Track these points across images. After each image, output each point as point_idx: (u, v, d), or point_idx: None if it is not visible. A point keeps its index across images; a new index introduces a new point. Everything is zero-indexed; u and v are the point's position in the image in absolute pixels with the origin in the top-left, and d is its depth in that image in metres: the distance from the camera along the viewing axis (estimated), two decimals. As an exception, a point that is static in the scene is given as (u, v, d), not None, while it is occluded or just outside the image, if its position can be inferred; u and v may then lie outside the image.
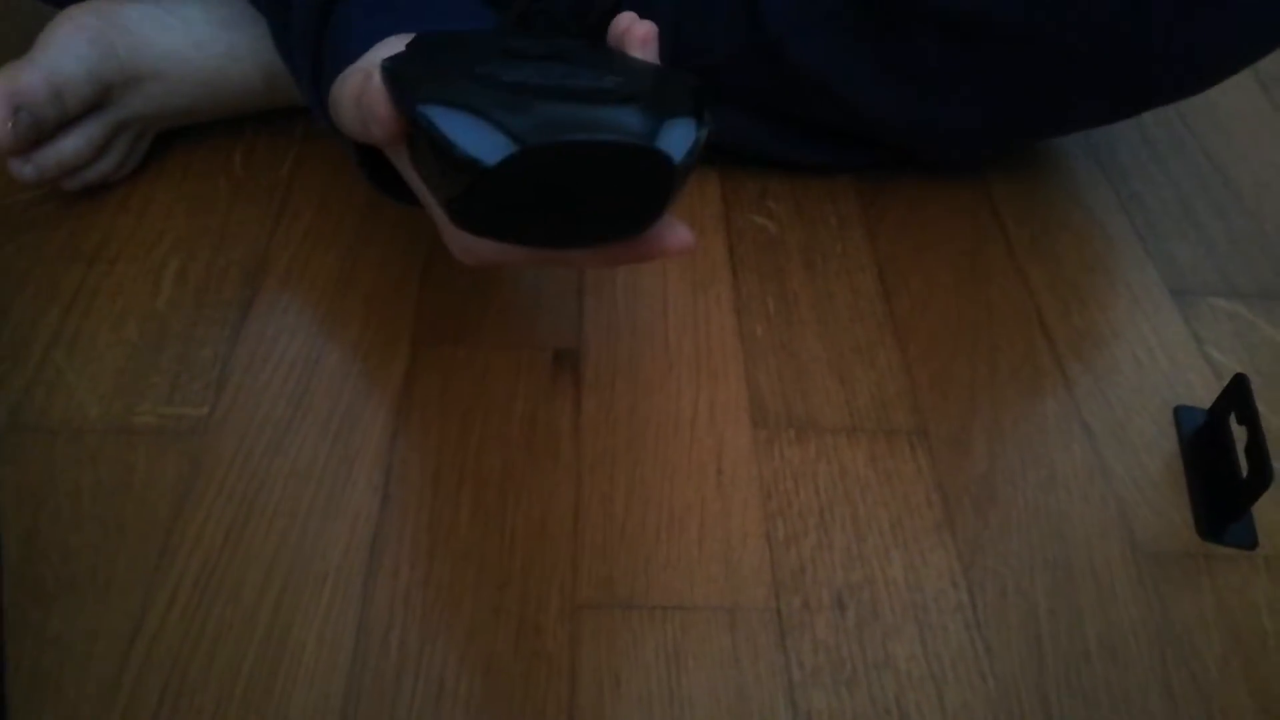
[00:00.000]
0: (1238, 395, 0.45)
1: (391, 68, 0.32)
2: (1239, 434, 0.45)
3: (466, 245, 0.37)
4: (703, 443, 0.45)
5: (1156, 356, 0.51)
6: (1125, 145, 0.64)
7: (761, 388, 0.48)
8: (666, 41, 0.52)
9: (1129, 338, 0.52)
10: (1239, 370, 0.51)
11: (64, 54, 0.47)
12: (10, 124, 0.45)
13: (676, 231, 0.33)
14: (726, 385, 0.48)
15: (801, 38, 0.51)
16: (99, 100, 0.49)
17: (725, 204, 0.57)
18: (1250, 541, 0.44)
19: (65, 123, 0.48)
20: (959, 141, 0.57)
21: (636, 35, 0.36)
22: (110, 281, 0.49)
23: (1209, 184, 0.62)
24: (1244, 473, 0.44)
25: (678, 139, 0.30)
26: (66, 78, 0.47)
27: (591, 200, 0.30)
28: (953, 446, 0.46)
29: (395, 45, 0.36)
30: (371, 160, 0.41)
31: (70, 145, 0.49)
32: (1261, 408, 0.49)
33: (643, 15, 0.37)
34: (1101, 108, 0.54)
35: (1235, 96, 0.69)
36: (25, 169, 0.48)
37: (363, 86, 0.33)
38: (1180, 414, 0.48)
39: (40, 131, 0.47)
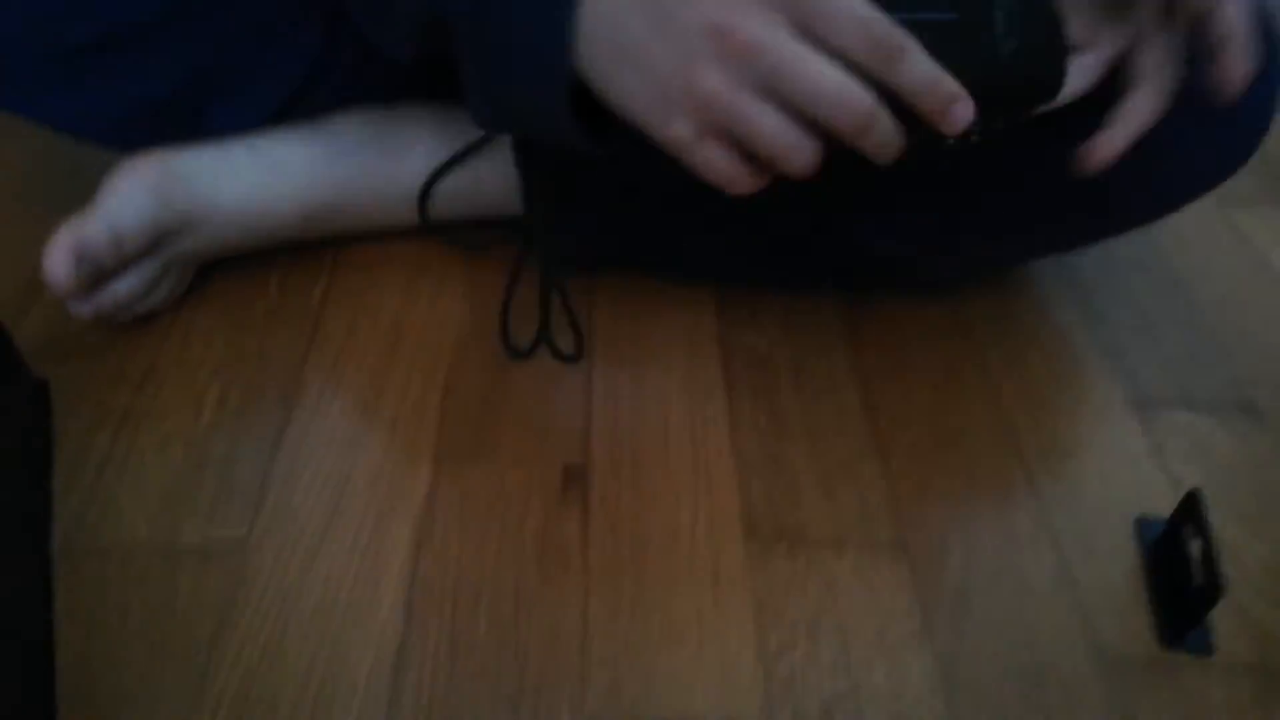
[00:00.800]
0: (1192, 510, 0.49)
1: None
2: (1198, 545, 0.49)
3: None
4: (701, 555, 0.49)
5: (1120, 469, 0.55)
6: (1091, 262, 0.69)
7: (754, 501, 0.52)
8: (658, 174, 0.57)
9: (1095, 451, 0.56)
10: (1197, 481, 0.55)
11: (125, 205, 0.52)
12: (74, 272, 0.50)
13: None
14: (722, 499, 0.52)
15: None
16: (154, 245, 0.54)
17: (720, 324, 0.62)
18: (1207, 648, 0.47)
19: (122, 265, 0.53)
20: (937, 277, 0.62)
21: None
22: (157, 405, 0.54)
23: (1170, 299, 0.67)
24: (1199, 583, 0.48)
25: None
26: (126, 228, 0.52)
27: None
28: (931, 557, 0.50)
29: None
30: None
31: (125, 286, 0.54)
32: (1218, 517, 0.53)
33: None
34: (1069, 244, 0.60)
35: (1195, 213, 0.74)
36: (84, 308, 0.53)
37: None
38: (1141, 525, 0.52)
39: (99, 276, 0.52)
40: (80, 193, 0.55)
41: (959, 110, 0.36)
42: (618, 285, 0.63)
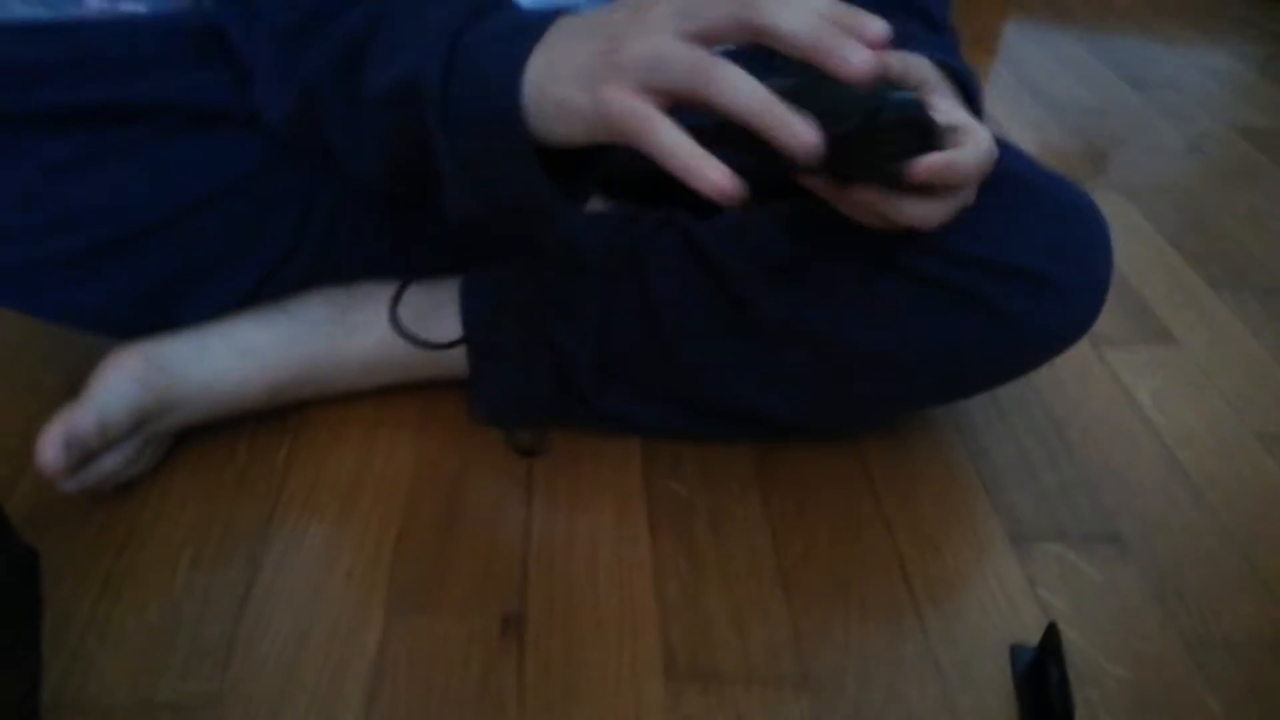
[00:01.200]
0: (1052, 640, 0.57)
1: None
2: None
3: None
4: (625, 696, 0.55)
5: (997, 599, 0.63)
6: (977, 404, 0.78)
7: (674, 642, 0.58)
8: (590, 347, 0.65)
9: (975, 583, 0.64)
10: (1065, 610, 0.62)
11: (111, 395, 0.59)
12: (64, 457, 0.56)
13: None
14: (645, 641, 0.58)
15: (691, 341, 0.65)
16: (136, 427, 0.61)
17: (645, 472, 0.69)
18: (1067, 767, 0.54)
19: (107, 447, 0.60)
20: (832, 427, 0.71)
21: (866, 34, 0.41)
22: (135, 569, 0.59)
23: (1045, 436, 0.75)
24: (1056, 709, 0.54)
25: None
26: (112, 415, 0.59)
27: None
28: (829, 691, 0.56)
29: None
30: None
31: (109, 463, 0.60)
32: (1083, 643, 0.60)
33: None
34: (955, 395, 0.69)
35: (1069, 354, 0.84)
36: (69, 484, 0.59)
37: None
38: (1015, 653, 0.59)
39: (86, 459, 0.59)
40: (63, 369, 0.62)
41: (799, 129, 0.41)
42: (554, 438, 0.71)
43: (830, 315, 0.62)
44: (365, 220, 0.65)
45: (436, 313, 0.67)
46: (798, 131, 0.40)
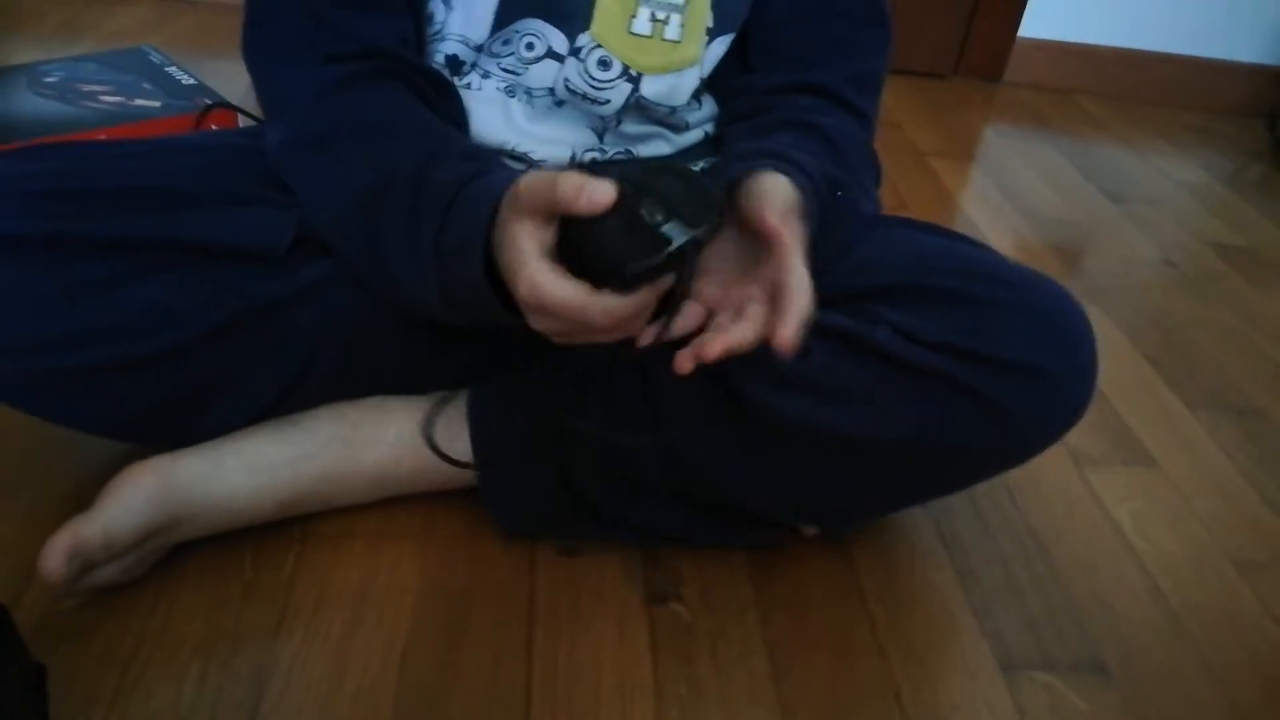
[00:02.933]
0: (1042, 777, 0.58)
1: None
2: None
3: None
4: (627, 827, 0.56)
5: (988, 729, 0.64)
6: (963, 522, 0.80)
7: (675, 771, 0.59)
8: (594, 452, 0.68)
9: (966, 712, 0.65)
10: (1053, 740, 0.64)
11: (121, 510, 0.60)
12: (66, 569, 0.57)
13: None
14: (647, 769, 0.59)
15: (693, 442, 0.67)
16: (142, 542, 0.62)
17: (646, 592, 0.71)
18: None
19: (109, 560, 0.61)
20: (829, 522, 0.73)
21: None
22: (142, 686, 0.60)
23: (1032, 560, 0.78)
24: None
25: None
26: (119, 530, 0.60)
27: None
28: (826, 824, 0.58)
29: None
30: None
31: (106, 573, 0.61)
32: (1070, 774, 0.62)
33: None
34: (951, 488, 0.72)
35: (1052, 471, 0.87)
36: (65, 591, 0.59)
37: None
38: (1006, 785, 0.61)
39: (87, 570, 0.60)
40: (72, 479, 0.63)
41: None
42: (556, 559, 0.72)
43: (835, 413, 0.63)
44: (379, 343, 0.67)
45: (447, 428, 0.69)
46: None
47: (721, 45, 0.70)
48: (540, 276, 0.50)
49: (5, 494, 0.71)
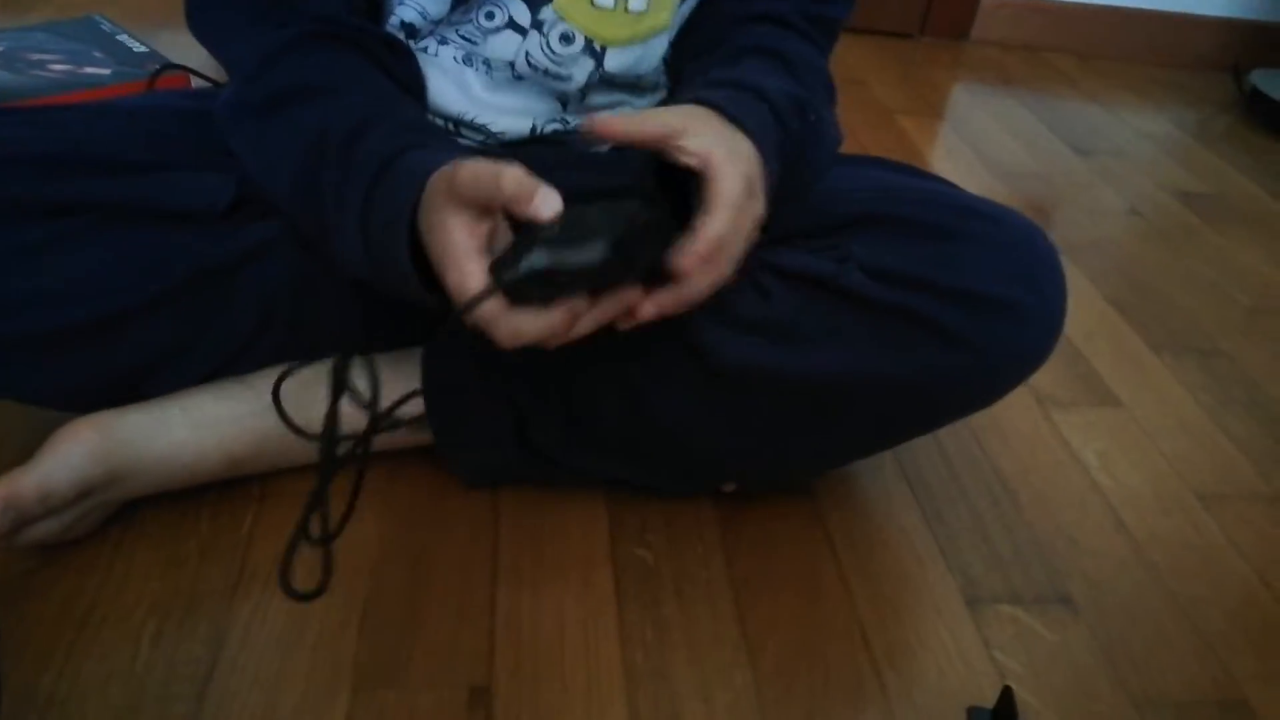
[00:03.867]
0: (1006, 703, 0.58)
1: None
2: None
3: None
4: (592, 767, 0.56)
5: (954, 662, 0.64)
6: (930, 465, 0.80)
7: (641, 713, 0.59)
8: (560, 413, 0.67)
9: (933, 646, 0.65)
10: (1019, 671, 0.64)
11: (59, 464, 0.59)
12: None
13: None
14: (613, 712, 0.59)
15: (655, 393, 0.66)
16: (80, 498, 0.61)
17: (612, 538, 0.70)
18: (1022, 830, 0.55)
19: (46, 514, 0.60)
20: (794, 471, 0.72)
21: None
22: (97, 645, 0.59)
23: (998, 499, 0.78)
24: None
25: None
26: (56, 484, 0.59)
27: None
28: (792, 758, 0.58)
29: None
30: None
31: (44, 528, 0.60)
32: (1035, 702, 0.62)
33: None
34: (921, 428, 0.71)
35: (1018, 415, 0.87)
36: None
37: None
38: (972, 715, 0.61)
39: (22, 524, 0.59)
40: (16, 442, 0.62)
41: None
42: (519, 505, 0.72)
43: (799, 356, 0.62)
44: (330, 305, 0.66)
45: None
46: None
47: (691, 4, 0.69)
48: (470, 281, 0.48)
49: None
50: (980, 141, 1.48)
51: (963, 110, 1.60)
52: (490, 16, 0.64)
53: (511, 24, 0.65)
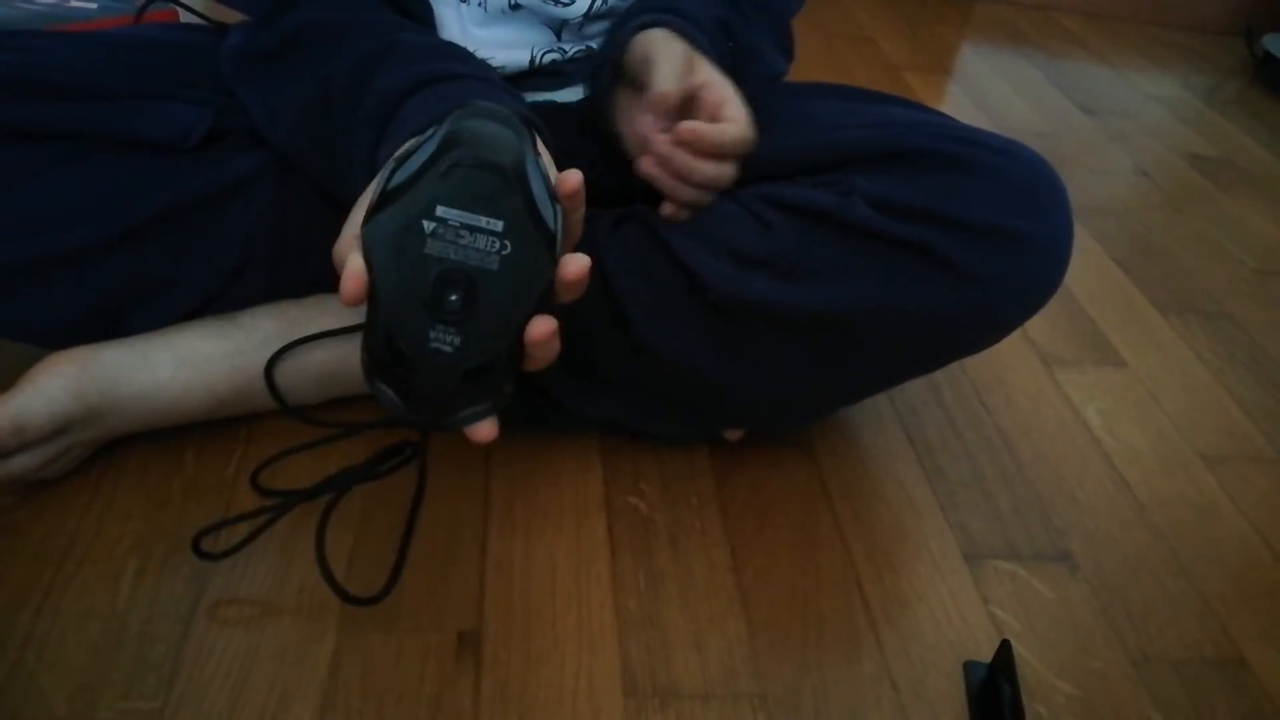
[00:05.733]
0: (1004, 658, 0.57)
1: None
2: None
3: None
4: (583, 714, 0.55)
5: (951, 617, 0.63)
6: (931, 422, 0.79)
7: (632, 659, 0.58)
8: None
9: (929, 600, 0.64)
10: (1017, 627, 0.63)
11: (36, 396, 0.57)
12: None
13: None
14: (604, 658, 0.58)
15: (656, 330, 0.64)
16: (57, 433, 0.59)
17: (605, 486, 0.69)
18: (1017, 783, 0.55)
19: (21, 448, 0.58)
20: (795, 412, 0.71)
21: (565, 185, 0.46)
22: (76, 583, 0.58)
23: (998, 455, 0.77)
24: (1009, 726, 0.55)
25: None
26: (32, 417, 0.57)
27: None
28: (785, 708, 0.57)
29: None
30: None
31: (20, 463, 0.58)
32: (1033, 658, 0.61)
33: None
34: (928, 366, 0.68)
35: (1021, 372, 0.86)
36: None
37: None
38: (968, 669, 0.60)
39: None
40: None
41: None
42: (511, 451, 0.70)
43: (803, 291, 0.60)
44: (315, 240, 0.64)
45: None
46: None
47: None
48: None
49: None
50: (988, 100, 1.45)
51: (971, 68, 1.57)
52: None
53: None
